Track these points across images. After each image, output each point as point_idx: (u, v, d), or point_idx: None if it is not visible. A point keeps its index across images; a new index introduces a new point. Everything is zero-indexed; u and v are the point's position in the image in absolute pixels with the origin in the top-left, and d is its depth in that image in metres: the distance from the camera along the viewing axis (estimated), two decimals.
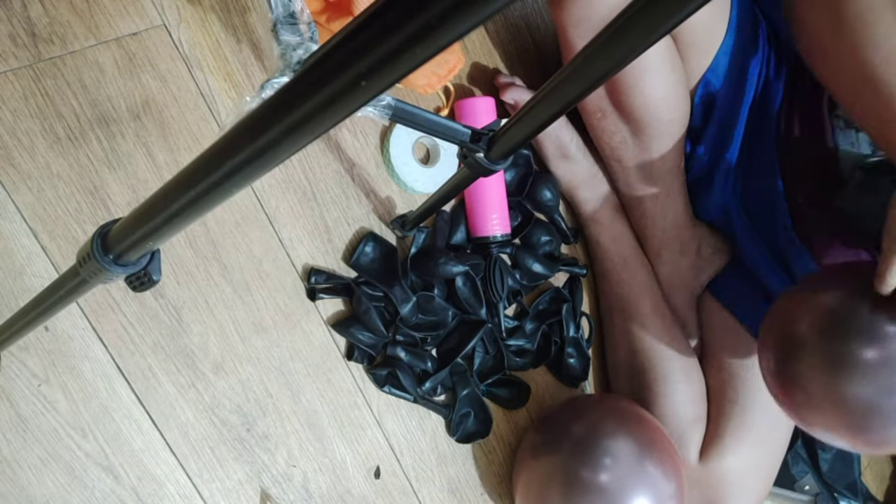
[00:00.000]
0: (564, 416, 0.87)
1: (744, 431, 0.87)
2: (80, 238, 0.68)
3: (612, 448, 0.79)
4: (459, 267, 0.83)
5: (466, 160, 0.61)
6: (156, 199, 0.38)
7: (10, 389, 0.65)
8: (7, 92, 0.65)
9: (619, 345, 0.96)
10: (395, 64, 0.25)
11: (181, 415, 0.72)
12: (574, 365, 0.97)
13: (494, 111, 0.89)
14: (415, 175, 0.85)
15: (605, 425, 0.82)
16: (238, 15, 0.76)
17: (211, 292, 0.74)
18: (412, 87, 0.85)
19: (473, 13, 0.22)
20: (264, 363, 0.77)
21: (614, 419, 0.83)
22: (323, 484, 0.80)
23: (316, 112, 0.28)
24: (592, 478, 0.78)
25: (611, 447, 0.80)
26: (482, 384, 0.89)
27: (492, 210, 0.87)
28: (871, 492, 1.22)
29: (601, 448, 0.80)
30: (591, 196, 0.96)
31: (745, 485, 0.88)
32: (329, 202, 0.81)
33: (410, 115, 0.59)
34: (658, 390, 0.91)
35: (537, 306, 0.95)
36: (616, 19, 0.38)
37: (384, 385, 0.83)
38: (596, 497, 0.78)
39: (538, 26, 0.98)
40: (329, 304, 0.82)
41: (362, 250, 0.82)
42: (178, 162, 0.73)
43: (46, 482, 0.66)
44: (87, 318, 0.68)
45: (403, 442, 0.86)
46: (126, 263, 0.42)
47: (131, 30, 0.70)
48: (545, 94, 0.48)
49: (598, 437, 0.81)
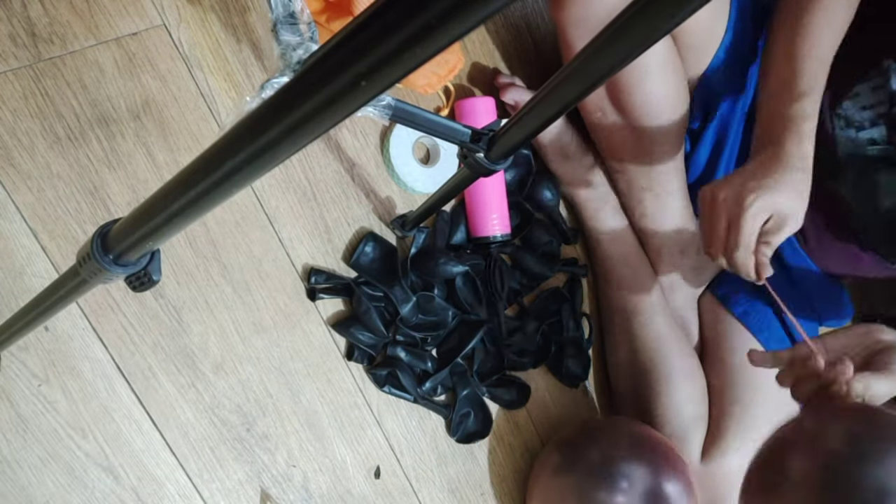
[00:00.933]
0: (582, 437, 0.88)
1: (746, 430, 0.87)
2: (80, 238, 0.68)
3: (628, 471, 0.80)
4: (459, 267, 0.83)
5: (466, 160, 0.61)
6: (156, 199, 0.38)
7: (10, 389, 0.65)
8: (7, 92, 0.65)
9: (620, 345, 0.96)
10: (395, 64, 0.25)
11: (181, 415, 0.72)
12: (574, 365, 0.97)
13: (494, 111, 0.89)
14: (415, 175, 0.85)
15: (622, 448, 0.83)
16: (238, 15, 0.76)
17: (211, 292, 0.74)
18: (412, 87, 0.85)
19: (473, 13, 0.22)
20: (264, 363, 0.77)
21: (630, 442, 0.84)
22: (323, 484, 0.80)
23: (316, 112, 0.28)
24: (608, 500, 0.79)
25: (627, 470, 0.80)
26: (482, 384, 0.89)
27: (492, 210, 0.87)
28: None
29: (618, 471, 0.81)
30: (591, 196, 0.95)
31: None
32: (329, 202, 0.81)
33: (410, 115, 0.59)
34: (659, 390, 0.91)
35: (537, 306, 0.95)
36: (616, 20, 0.38)
37: (384, 385, 0.83)
38: None
39: (538, 26, 0.98)
40: (329, 304, 0.82)
41: (362, 250, 0.82)
42: (178, 162, 0.73)
43: (46, 482, 0.66)
44: (87, 318, 0.68)
45: (403, 442, 0.86)
46: (126, 263, 0.42)
47: (131, 30, 0.70)
48: (545, 94, 0.48)
49: (616, 460, 0.82)
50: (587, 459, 0.83)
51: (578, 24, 0.75)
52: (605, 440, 0.86)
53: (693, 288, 0.97)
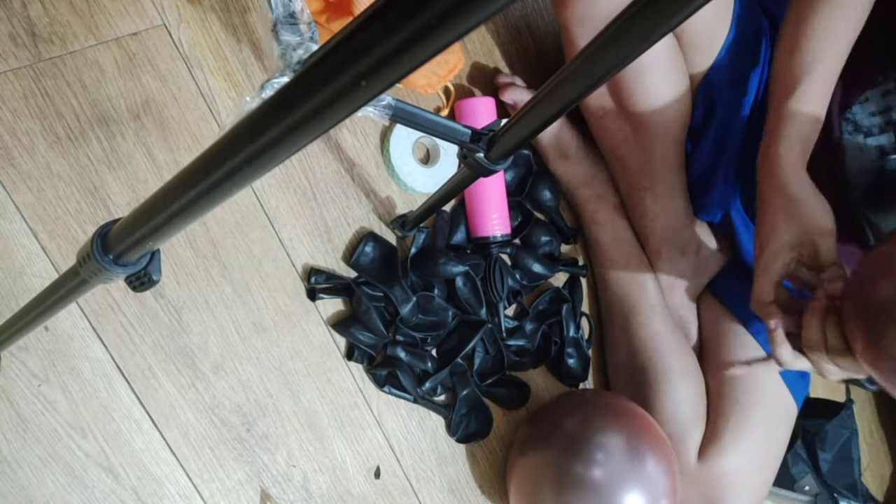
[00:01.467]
0: (557, 411, 0.87)
1: (743, 431, 0.87)
2: (80, 238, 0.68)
3: (604, 443, 0.79)
4: (459, 267, 0.83)
5: (466, 160, 0.61)
6: (156, 199, 0.38)
7: (10, 389, 0.65)
8: (7, 92, 0.65)
9: (619, 344, 0.96)
10: (395, 64, 0.25)
11: (181, 415, 0.72)
12: (574, 365, 0.97)
13: (494, 111, 0.89)
14: (415, 175, 0.85)
15: (598, 420, 0.82)
16: (238, 15, 0.76)
17: (211, 292, 0.74)
18: (412, 87, 0.85)
19: (473, 13, 0.22)
20: (264, 363, 0.77)
21: (607, 414, 0.83)
22: (323, 484, 0.80)
23: (316, 112, 0.28)
24: (585, 473, 0.78)
25: (603, 442, 0.79)
26: (482, 384, 0.89)
27: (492, 210, 0.87)
28: (871, 492, 1.22)
29: (594, 443, 0.79)
30: (591, 196, 0.95)
31: (744, 485, 0.88)
32: (329, 202, 0.81)
33: (410, 115, 0.59)
34: (658, 389, 0.91)
35: (537, 306, 0.95)
36: (617, 18, 0.38)
37: (384, 385, 0.83)
38: (588, 493, 0.77)
39: (538, 26, 0.98)
40: (329, 304, 0.82)
41: (362, 250, 0.82)
42: (178, 162, 0.73)
43: (46, 482, 0.66)
44: (87, 318, 0.68)
45: (403, 442, 0.86)
46: (126, 263, 0.42)
47: (131, 30, 0.70)
48: (545, 94, 0.48)
49: (591, 433, 0.80)
50: (563, 433, 0.82)
51: (582, 21, 0.75)
52: (581, 412, 0.84)
53: (693, 288, 0.97)
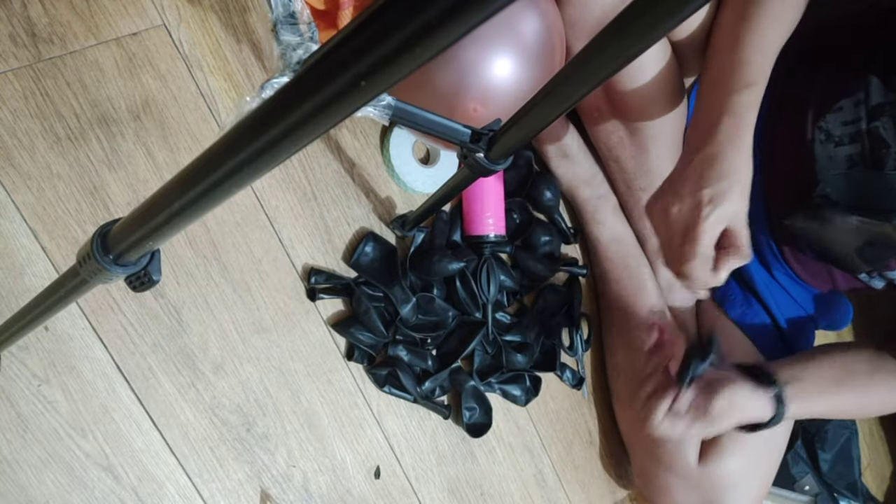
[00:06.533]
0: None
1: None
2: (80, 238, 0.68)
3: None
4: (456, 264, 0.83)
5: (466, 160, 0.61)
6: (156, 199, 0.38)
7: (10, 389, 0.65)
8: (7, 92, 0.65)
9: (618, 344, 0.97)
10: (395, 64, 0.25)
11: (181, 415, 0.72)
12: (573, 366, 0.97)
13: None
14: (415, 175, 0.85)
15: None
16: (238, 15, 0.76)
17: (211, 292, 0.74)
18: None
19: (473, 13, 0.22)
20: (264, 363, 0.77)
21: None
22: (323, 484, 0.80)
23: (316, 112, 0.28)
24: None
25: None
26: (496, 383, 0.89)
27: (486, 209, 0.87)
28: (871, 492, 1.22)
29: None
30: (591, 196, 0.96)
31: (744, 486, 0.88)
32: (329, 202, 0.81)
33: (410, 115, 0.59)
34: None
35: (537, 306, 0.95)
36: (616, 20, 0.38)
37: (384, 385, 0.83)
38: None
39: None
40: (329, 304, 0.82)
41: (362, 250, 0.82)
42: (178, 162, 0.73)
43: (46, 482, 0.66)
44: (87, 318, 0.68)
45: (403, 442, 0.86)
46: (126, 263, 0.42)
47: (131, 30, 0.70)
48: (545, 94, 0.48)
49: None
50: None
51: (573, 24, 0.76)
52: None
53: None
